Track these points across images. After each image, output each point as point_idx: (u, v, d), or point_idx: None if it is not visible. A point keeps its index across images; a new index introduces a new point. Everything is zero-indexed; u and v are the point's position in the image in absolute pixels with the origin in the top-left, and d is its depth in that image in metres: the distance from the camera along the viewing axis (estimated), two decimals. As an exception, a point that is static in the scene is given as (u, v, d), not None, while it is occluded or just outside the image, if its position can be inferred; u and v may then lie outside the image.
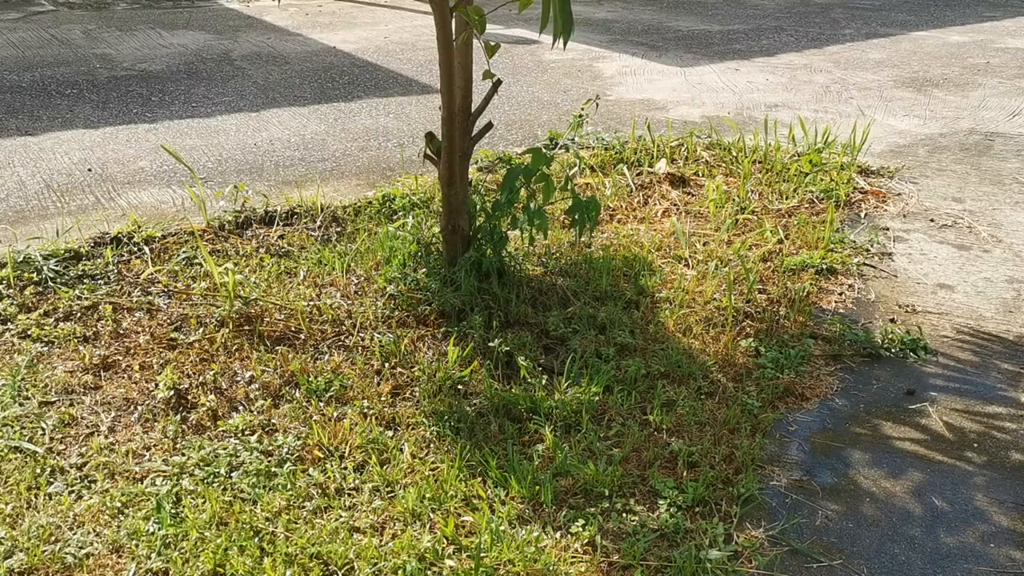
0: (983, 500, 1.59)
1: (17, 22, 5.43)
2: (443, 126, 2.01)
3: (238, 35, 5.22)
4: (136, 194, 2.83)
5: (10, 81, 4.09)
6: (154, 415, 1.76)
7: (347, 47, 5.00)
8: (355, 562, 1.40)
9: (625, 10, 6.30)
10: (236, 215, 2.60)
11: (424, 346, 1.99)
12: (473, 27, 1.78)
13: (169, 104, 3.82)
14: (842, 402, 1.87)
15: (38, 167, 3.03)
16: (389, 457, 1.65)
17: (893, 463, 1.69)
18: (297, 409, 1.77)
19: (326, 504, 1.53)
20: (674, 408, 1.79)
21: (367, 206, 2.68)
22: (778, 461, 1.68)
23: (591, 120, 3.59)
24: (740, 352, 1.99)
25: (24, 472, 1.58)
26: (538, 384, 1.84)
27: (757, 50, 5.11)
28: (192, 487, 1.55)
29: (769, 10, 6.35)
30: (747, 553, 1.45)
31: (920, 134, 3.60)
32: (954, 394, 1.90)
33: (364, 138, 3.44)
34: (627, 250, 2.43)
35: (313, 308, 2.09)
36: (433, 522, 1.49)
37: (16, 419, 1.72)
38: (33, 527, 1.46)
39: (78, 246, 2.37)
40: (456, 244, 2.11)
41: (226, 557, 1.40)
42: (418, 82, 4.31)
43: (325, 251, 2.38)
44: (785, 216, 2.72)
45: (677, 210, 2.75)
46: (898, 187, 3.03)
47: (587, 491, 1.57)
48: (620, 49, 5.06)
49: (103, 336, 2.01)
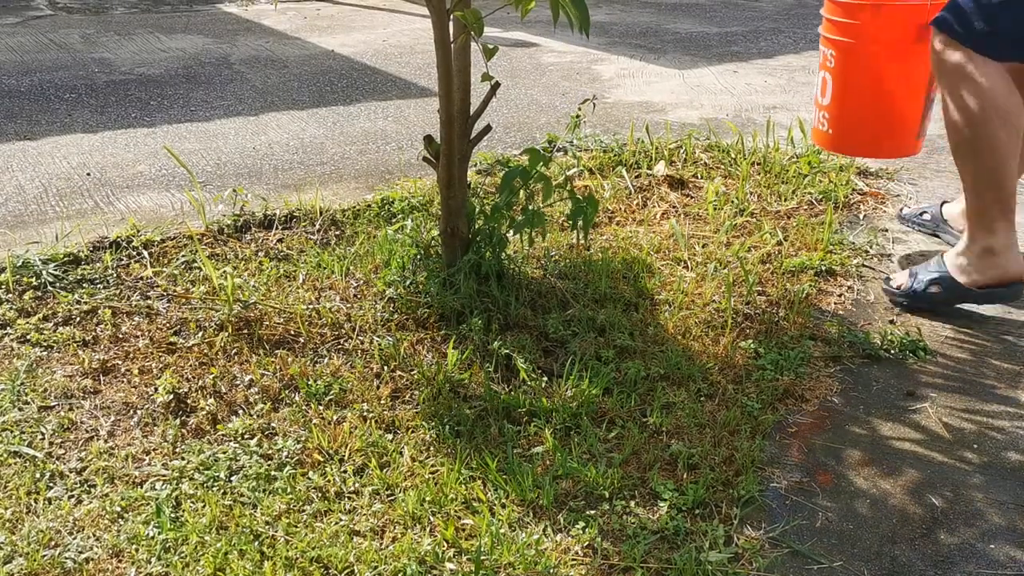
0: (983, 501, 1.59)
1: (15, 27, 5.43)
2: (441, 129, 2.01)
3: (236, 39, 5.22)
4: (135, 198, 2.83)
5: (8, 86, 4.09)
6: (153, 419, 1.76)
7: (345, 50, 5.01)
8: (355, 565, 1.40)
9: (623, 12, 6.30)
10: (235, 219, 2.60)
11: (423, 349, 1.99)
12: (471, 30, 1.78)
13: (168, 108, 3.82)
14: (842, 403, 1.87)
15: (37, 171, 3.03)
16: (389, 460, 1.65)
17: (893, 464, 1.69)
18: (297, 412, 1.77)
19: (326, 508, 1.53)
20: (674, 410, 1.79)
21: (366, 209, 2.68)
22: (778, 463, 1.68)
23: (590, 123, 3.59)
24: (739, 354, 1.99)
25: (23, 477, 1.58)
26: (538, 386, 1.84)
27: (755, 52, 5.12)
28: (192, 491, 1.55)
29: (767, 12, 6.36)
30: (747, 555, 1.45)
31: (918, 135, 3.60)
32: (954, 395, 1.90)
33: (363, 141, 3.45)
34: (626, 252, 2.43)
35: (312, 311, 2.09)
36: (433, 525, 1.49)
37: (15, 424, 1.72)
38: (33, 532, 1.46)
39: (77, 250, 2.37)
40: (455, 247, 2.11)
41: (226, 561, 1.40)
42: (416, 85, 4.31)
43: (324, 254, 2.38)
44: (784, 218, 2.72)
45: (676, 212, 2.75)
46: (897, 188, 3.03)
47: (587, 493, 1.57)
48: (618, 51, 5.07)
49: (102, 340, 2.01)
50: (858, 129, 2.40)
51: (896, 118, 2.35)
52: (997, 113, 2.05)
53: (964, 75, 2.06)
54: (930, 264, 2.22)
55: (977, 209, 2.13)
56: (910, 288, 2.20)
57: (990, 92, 2.04)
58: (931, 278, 2.17)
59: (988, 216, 2.11)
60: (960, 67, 2.06)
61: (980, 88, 2.04)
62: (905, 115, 2.34)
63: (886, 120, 2.36)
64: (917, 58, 2.25)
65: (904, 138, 2.39)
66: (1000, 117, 2.05)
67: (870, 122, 2.38)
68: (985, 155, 2.09)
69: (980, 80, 2.04)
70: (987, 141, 2.07)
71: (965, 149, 2.12)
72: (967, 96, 2.06)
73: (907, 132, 2.38)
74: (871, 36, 2.26)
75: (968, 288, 2.14)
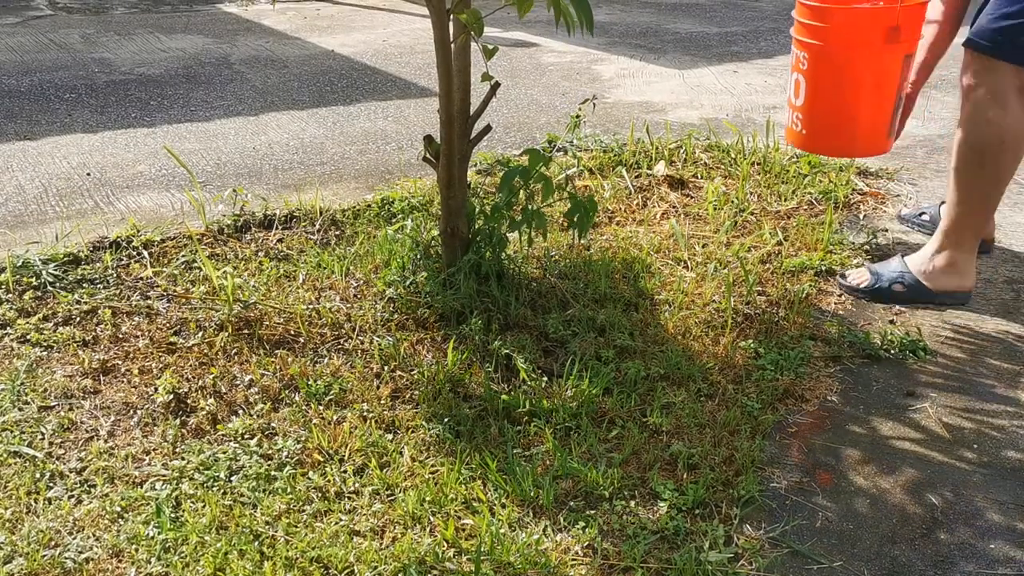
0: (983, 500, 1.59)
1: (15, 27, 5.43)
2: (441, 129, 2.01)
3: (236, 39, 5.22)
4: (135, 198, 2.83)
5: (8, 86, 4.09)
6: (153, 419, 1.76)
7: (345, 50, 5.01)
8: (355, 565, 1.40)
9: (623, 12, 6.30)
10: (235, 219, 2.60)
11: (423, 349, 1.99)
12: (471, 30, 1.78)
13: (168, 108, 3.82)
14: (842, 403, 1.87)
15: (37, 171, 3.03)
16: (389, 460, 1.65)
17: (893, 464, 1.69)
18: (297, 412, 1.77)
19: (326, 507, 1.53)
20: (674, 410, 1.79)
21: (366, 209, 2.68)
22: (778, 463, 1.68)
23: (590, 123, 3.59)
24: (739, 354, 1.99)
25: (24, 477, 1.58)
26: (538, 386, 1.84)
27: (755, 52, 5.12)
28: (192, 491, 1.55)
29: (767, 12, 6.36)
30: (747, 555, 1.45)
31: (918, 135, 3.60)
32: (953, 395, 1.90)
33: (363, 141, 3.45)
34: (626, 252, 2.43)
35: (312, 311, 2.09)
36: (433, 525, 1.49)
37: (15, 424, 1.72)
38: (33, 532, 1.46)
39: (77, 250, 2.37)
40: (455, 247, 2.11)
41: (226, 561, 1.40)
42: (416, 85, 4.31)
43: (324, 254, 2.38)
44: (784, 218, 2.72)
45: (676, 212, 2.75)
46: (897, 188, 3.03)
47: (587, 493, 1.57)
48: (618, 51, 5.06)
49: (102, 340, 2.01)
50: (830, 129, 2.43)
51: (867, 118, 2.37)
52: (1016, 143, 2.08)
53: (994, 99, 2.05)
54: (891, 264, 2.31)
55: (957, 223, 2.21)
56: (873, 285, 2.28)
57: (1014, 121, 2.06)
58: (894, 278, 2.27)
59: (962, 232, 2.21)
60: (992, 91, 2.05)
61: (1005, 116, 2.06)
62: (875, 115, 2.37)
63: (857, 120, 2.38)
64: (887, 59, 2.28)
65: (875, 138, 2.41)
66: (1013, 150, 2.09)
67: (841, 122, 2.40)
68: (988, 182, 2.15)
69: (1009, 104, 2.05)
70: (995, 171, 2.13)
71: (971, 174, 2.16)
72: (992, 125, 2.07)
73: (878, 132, 2.40)
74: (841, 39, 2.28)
75: (929, 290, 2.25)
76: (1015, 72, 2.03)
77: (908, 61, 2.30)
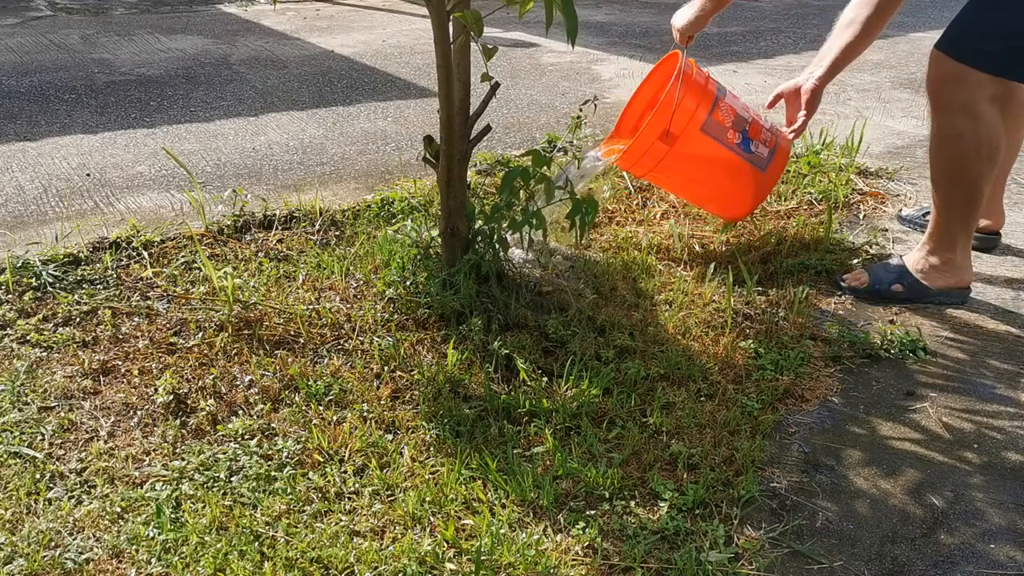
0: (983, 501, 1.59)
1: (15, 27, 5.43)
2: (441, 129, 2.01)
3: (236, 39, 5.22)
4: (135, 199, 2.83)
5: (8, 86, 4.09)
6: (153, 420, 1.76)
7: (345, 51, 5.01)
8: (355, 566, 1.40)
9: (623, 13, 6.30)
10: (235, 219, 2.60)
11: (423, 349, 1.99)
12: (471, 30, 1.78)
13: (167, 109, 3.82)
14: (842, 403, 1.87)
15: (37, 172, 3.03)
16: (389, 461, 1.65)
17: (893, 464, 1.69)
18: (297, 413, 1.77)
19: (326, 508, 1.53)
20: (674, 410, 1.79)
21: (366, 209, 2.68)
22: (778, 463, 1.68)
23: (590, 123, 3.59)
24: (739, 354, 1.99)
25: (24, 477, 1.58)
26: (538, 387, 1.84)
27: (755, 52, 5.12)
28: (192, 492, 1.55)
29: (767, 12, 6.36)
30: (747, 555, 1.45)
31: (918, 135, 3.60)
32: (953, 394, 1.90)
33: (363, 141, 3.45)
34: (626, 252, 2.43)
35: (312, 312, 2.09)
36: (433, 525, 1.49)
37: (15, 424, 1.72)
38: (33, 532, 1.46)
39: (77, 251, 2.37)
40: (455, 247, 2.11)
41: (226, 562, 1.40)
42: (416, 85, 4.31)
43: (324, 255, 2.38)
44: (784, 218, 2.72)
45: (676, 212, 2.75)
46: (897, 188, 3.03)
47: (587, 494, 1.57)
48: (618, 51, 5.07)
49: (102, 341, 2.01)
50: (715, 206, 2.53)
51: (734, 190, 2.41)
52: (989, 151, 2.07)
53: (964, 108, 2.04)
54: (890, 264, 2.32)
55: (944, 227, 2.22)
56: (872, 285, 2.29)
57: (987, 130, 2.04)
58: (893, 278, 2.29)
59: (952, 235, 2.22)
60: (963, 99, 2.03)
61: (978, 126, 2.04)
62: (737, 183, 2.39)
63: (729, 195, 2.44)
64: (706, 143, 2.30)
65: (756, 189, 2.42)
66: (989, 157, 2.08)
67: (719, 199, 2.48)
68: (968, 190, 2.15)
69: (981, 115, 2.03)
70: (975, 179, 2.13)
71: (949, 184, 2.17)
72: (964, 139, 2.06)
73: (748, 189, 2.41)
74: (643, 167, 2.33)
75: (928, 289, 2.26)
76: (987, 81, 2.01)
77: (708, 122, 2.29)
